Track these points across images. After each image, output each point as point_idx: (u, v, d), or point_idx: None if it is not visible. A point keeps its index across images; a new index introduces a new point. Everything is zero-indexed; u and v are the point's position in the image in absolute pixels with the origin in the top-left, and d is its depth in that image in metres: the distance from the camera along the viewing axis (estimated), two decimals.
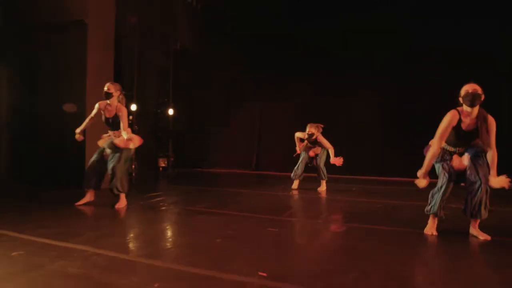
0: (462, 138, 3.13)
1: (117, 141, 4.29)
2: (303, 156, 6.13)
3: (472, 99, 2.99)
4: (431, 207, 3.28)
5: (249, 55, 9.13)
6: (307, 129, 5.89)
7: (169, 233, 3.41)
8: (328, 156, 5.90)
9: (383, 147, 7.89)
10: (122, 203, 4.40)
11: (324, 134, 5.98)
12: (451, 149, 3.26)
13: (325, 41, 8.38)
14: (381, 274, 2.30)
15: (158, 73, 9.01)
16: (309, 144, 6.04)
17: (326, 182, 6.05)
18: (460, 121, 3.08)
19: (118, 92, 4.48)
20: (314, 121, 6.02)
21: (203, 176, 8.79)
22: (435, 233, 3.25)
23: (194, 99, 9.77)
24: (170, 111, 8.93)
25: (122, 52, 7.58)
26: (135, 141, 4.35)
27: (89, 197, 4.52)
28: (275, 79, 8.99)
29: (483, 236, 3.13)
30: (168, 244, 3.01)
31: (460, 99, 3.09)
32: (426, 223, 3.36)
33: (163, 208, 4.47)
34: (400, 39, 7.61)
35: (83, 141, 4.82)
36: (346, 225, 3.71)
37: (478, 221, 3.19)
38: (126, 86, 7.88)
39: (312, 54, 8.47)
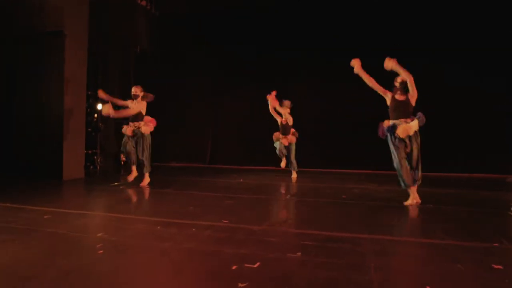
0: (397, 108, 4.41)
1: (143, 129, 5.77)
2: (278, 146, 7.07)
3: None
4: (402, 183, 4.43)
5: (205, 55, 10.22)
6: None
7: (151, 203, 4.53)
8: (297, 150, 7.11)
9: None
10: (146, 180, 5.89)
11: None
12: (396, 122, 4.36)
13: (282, 36, 9.33)
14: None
15: (121, 74, 9.82)
16: (281, 133, 7.04)
17: (297, 173, 7.16)
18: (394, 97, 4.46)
19: (142, 93, 6.06)
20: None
21: (160, 169, 9.78)
22: (419, 200, 4.39)
23: (155, 99, 10.60)
24: None
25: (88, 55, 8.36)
26: (154, 122, 5.97)
27: (135, 172, 5.97)
28: (231, 77, 10.09)
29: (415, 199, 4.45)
30: (155, 209, 4.15)
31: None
32: None
33: (137, 190, 5.54)
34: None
35: (62, 142, 6.23)
36: (283, 197, 5.08)
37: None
38: (91, 87, 8.70)
39: (271, 51, 9.45)
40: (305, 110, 8.65)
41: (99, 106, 8.75)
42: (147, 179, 5.94)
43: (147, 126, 5.87)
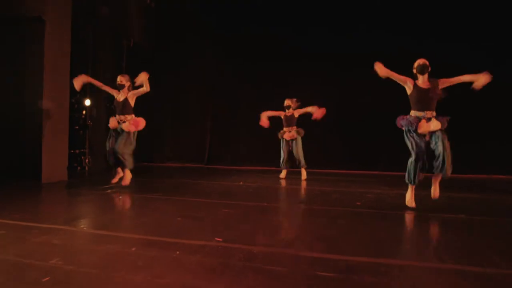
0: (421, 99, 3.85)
1: (125, 126, 5.15)
2: (282, 143, 6.70)
3: (422, 68, 3.86)
4: (409, 177, 3.95)
5: (203, 50, 9.58)
6: (285, 103, 6.59)
7: (133, 214, 3.86)
8: (303, 145, 6.59)
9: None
10: (128, 177, 5.35)
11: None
12: (420, 113, 3.86)
13: (288, 28, 8.69)
14: (311, 235, 2.98)
15: (111, 68, 9.15)
16: (285, 127, 6.61)
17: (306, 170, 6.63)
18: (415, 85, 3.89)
19: (129, 83, 5.46)
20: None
21: (155, 169, 9.12)
22: (413, 205, 3.94)
23: (148, 94, 9.99)
24: None
25: (75, 46, 7.70)
26: (141, 124, 5.33)
27: (120, 173, 5.57)
28: (229, 74, 9.48)
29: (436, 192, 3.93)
30: (136, 222, 3.48)
31: (414, 70, 3.95)
32: None
33: (121, 195, 4.86)
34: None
35: (40, 141, 5.69)
36: (294, 205, 4.40)
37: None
38: None
39: (267, 47, 8.84)
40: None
41: (87, 102, 8.09)
42: (128, 176, 5.40)
43: (131, 125, 5.27)
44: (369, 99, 7.96)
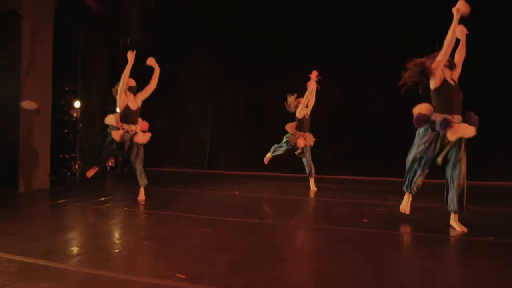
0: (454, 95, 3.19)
1: (136, 138, 4.64)
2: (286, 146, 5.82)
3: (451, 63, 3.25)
4: (409, 184, 3.47)
5: (202, 50, 9.06)
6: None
7: (95, 235, 3.28)
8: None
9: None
10: (142, 195, 4.79)
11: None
12: (450, 117, 3.13)
13: (283, 36, 8.22)
14: (301, 273, 2.35)
15: (105, 68, 8.68)
16: (299, 129, 5.71)
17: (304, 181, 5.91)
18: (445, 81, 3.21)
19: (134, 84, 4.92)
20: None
21: (152, 175, 8.57)
22: (407, 211, 3.53)
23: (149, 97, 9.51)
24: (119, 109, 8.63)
25: (66, 45, 7.24)
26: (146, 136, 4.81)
27: (95, 170, 5.09)
28: (229, 75, 8.95)
29: (461, 228, 3.23)
30: (87, 247, 2.89)
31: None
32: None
33: (102, 208, 4.30)
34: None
35: (17, 146, 5.28)
36: (284, 223, 3.77)
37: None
38: (70, 82, 7.57)
39: (269, 50, 8.38)
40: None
41: (77, 104, 7.61)
42: (143, 193, 4.83)
43: (144, 136, 4.77)
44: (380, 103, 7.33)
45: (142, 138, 4.74)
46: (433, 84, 3.20)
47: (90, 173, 5.14)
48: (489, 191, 5.80)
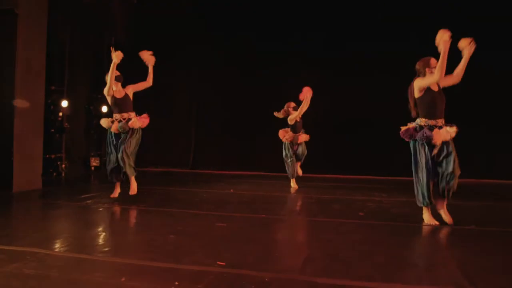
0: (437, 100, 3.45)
1: (131, 123, 4.54)
2: (288, 150, 6.05)
3: None
4: (424, 199, 3.51)
5: (188, 50, 9.16)
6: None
7: (120, 231, 3.44)
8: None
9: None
10: (134, 186, 4.70)
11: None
12: (432, 122, 3.41)
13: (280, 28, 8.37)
14: (326, 257, 2.66)
15: (91, 68, 8.62)
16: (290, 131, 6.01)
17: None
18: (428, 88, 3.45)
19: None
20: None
21: (138, 175, 8.61)
22: (436, 222, 3.50)
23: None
24: (104, 108, 8.61)
25: (52, 44, 7.16)
26: (147, 120, 4.77)
27: (118, 188, 4.85)
28: (212, 75, 9.10)
29: (448, 218, 3.52)
30: (123, 241, 3.06)
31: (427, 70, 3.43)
32: None
33: (103, 207, 4.40)
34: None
35: (11, 145, 5.21)
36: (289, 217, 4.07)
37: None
38: (56, 81, 7.48)
39: (253, 51, 8.56)
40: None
41: (64, 103, 7.55)
42: (134, 184, 4.70)
43: (137, 121, 4.63)
44: (362, 104, 7.78)
45: (137, 122, 4.60)
46: (417, 93, 3.52)
47: (114, 194, 4.83)
48: (469, 188, 6.35)
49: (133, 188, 4.71)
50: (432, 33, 3.36)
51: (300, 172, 6.25)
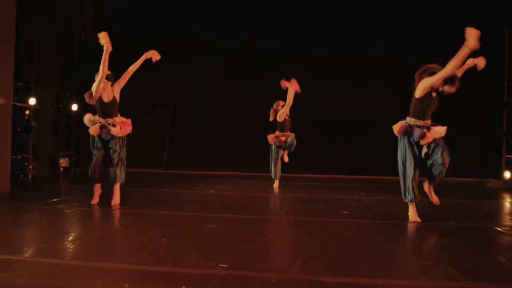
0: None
1: (114, 131, 4.30)
2: (274, 152, 6.06)
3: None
4: (410, 195, 3.63)
5: (162, 47, 8.91)
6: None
7: (106, 235, 3.31)
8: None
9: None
10: (117, 196, 4.44)
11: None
12: (421, 123, 3.56)
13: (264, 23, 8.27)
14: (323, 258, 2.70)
15: (59, 65, 8.22)
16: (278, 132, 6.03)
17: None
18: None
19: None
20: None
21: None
22: (418, 219, 3.64)
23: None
24: (74, 107, 8.25)
25: (18, 40, 6.77)
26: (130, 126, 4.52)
27: (98, 191, 4.53)
28: (188, 74, 8.95)
29: (435, 200, 3.70)
30: (115, 246, 2.96)
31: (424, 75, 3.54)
32: None
33: (80, 211, 4.20)
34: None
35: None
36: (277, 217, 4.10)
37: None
38: (23, 78, 7.06)
39: (231, 47, 8.50)
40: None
41: (32, 101, 7.15)
42: (117, 194, 4.44)
43: (122, 128, 4.39)
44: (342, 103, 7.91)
45: (119, 131, 4.36)
46: (418, 93, 3.61)
47: (94, 200, 4.50)
48: (447, 186, 6.65)
49: (116, 198, 4.44)
50: (432, 33, 3.45)
51: (286, 159, 6.23)
